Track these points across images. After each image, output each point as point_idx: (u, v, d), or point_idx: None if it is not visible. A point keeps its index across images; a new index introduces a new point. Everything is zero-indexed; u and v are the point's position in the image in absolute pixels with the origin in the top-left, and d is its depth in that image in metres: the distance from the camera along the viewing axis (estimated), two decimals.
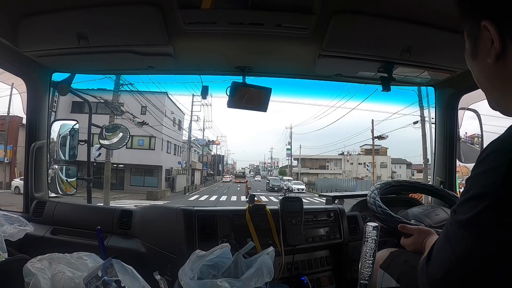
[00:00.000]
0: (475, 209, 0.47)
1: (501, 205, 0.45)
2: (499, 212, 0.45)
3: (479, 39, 0.53)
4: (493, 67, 0.52)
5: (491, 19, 0.49)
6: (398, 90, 1.81)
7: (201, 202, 17.45)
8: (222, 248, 1.01)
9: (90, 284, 0.82)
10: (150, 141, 20.73)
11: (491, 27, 0.49)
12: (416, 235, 0.95)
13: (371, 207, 1.18)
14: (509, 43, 0.49)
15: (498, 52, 0.50)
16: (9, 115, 16.53)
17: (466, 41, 0.58)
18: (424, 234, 0.92)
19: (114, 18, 1.12)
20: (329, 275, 1.48)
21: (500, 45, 0.49)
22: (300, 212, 1.36)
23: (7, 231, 1.14)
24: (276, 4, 1.05)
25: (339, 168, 42.47)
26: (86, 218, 1.47)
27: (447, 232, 0.53)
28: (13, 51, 1.26)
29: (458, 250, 0.49)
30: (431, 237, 0.89)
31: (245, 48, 1.35)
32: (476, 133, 1.67)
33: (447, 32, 1.15)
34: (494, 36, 0.49)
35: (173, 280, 1.10)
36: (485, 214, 0.46)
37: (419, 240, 0.92)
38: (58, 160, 1.73)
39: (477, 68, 0.57)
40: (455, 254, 0.50)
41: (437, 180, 1.71)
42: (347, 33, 1.16)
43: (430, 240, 0.87)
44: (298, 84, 7.88)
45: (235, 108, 1.48)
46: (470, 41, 0.56)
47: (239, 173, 49.32)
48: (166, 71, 1.67)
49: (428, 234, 0.92)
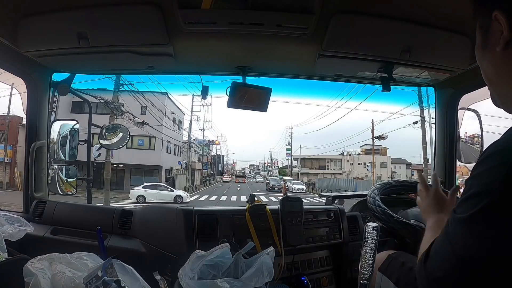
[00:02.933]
0: (477, 206, 0.47)
1: (503, 202, 0.45)
2: (501, 209, 0.45)
3: (490, 30, 0.55)
4: (502, 56, 0.54)
5: (502, 9, 0.52)
6: (398, 90, 1.81)
7: (201, 202, 17.46)
8: (222, 248, 1.01)
9: (90, 284, 0.82)
10: (150, 141, 20.74)
11: (501, 16, 0.52)
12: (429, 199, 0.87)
13: (371, 207, 1.19)
14: None
15: (506, 39, 0.52)
16: (9, 115, 16.53)
17: (478, 34, 0.60)
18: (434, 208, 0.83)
19: (114, 18, 1.12)
20: (329, 275, 1.48)
21: (509, 33, 0.51)
22: (300, 212, 1.36)
23: (7, 231, 1.13)
24: (276, 4, 1.05)
25: (339, 168, 42.47)
26: (86, 218, 1.47)
27: (447, 231, 0.53)
28: (13, 51, 1.26)
29: (459, 248, 0.49)
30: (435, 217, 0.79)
31: (245, 48, 1.36)
32: (476, 133, 1.67)
33: (447, 32, 1.15)
34: (503, 24, 0.52)
35: (173, 280, 1.10)
36: (487, 211, 0.46)
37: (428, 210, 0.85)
38: (58, 160, 1.73)
39: (486, 59, 0.59)
40: (456, 253, 0.49)
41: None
42: (347, 33, 1.16)
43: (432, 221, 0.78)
44: (298, 84, 7.87)
45: (235, 108, 1.48)
46: (482, 32, 0.58)
47: (239, 173, 49.23)
48: (166, 71, 1.66)
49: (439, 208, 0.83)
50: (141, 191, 16.03)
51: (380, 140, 23.23)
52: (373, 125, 23.36)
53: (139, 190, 16.13)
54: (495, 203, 0.45)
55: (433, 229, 0.74)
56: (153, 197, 15.41)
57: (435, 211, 0.83)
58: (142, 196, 15.66)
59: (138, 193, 15.81)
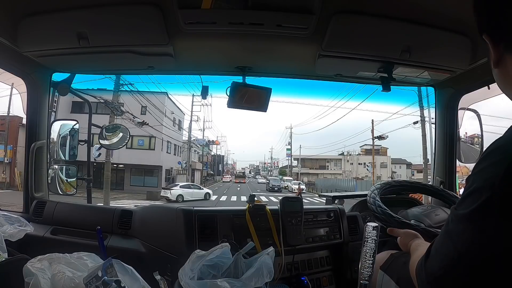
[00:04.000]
0: (478, 201, 0.47)
1: (504, 197, 0.45)
2: (502, 204, 0.45)
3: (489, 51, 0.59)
4: (496, 73, 0.59)
5: (487, 31, 0.56)
6: (398, 90, 1.81)
7: (201, 202, 17.47)
8: (222, 248, 1.01)
9: (90, 284, 0.82)
10: (150, 141, 20.72)
11: (487, 39, 0.56)
12: (402, 237, 0.99)
13: (371, 207, 1.19)
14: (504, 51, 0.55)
15: (494, 60, 0.56)
16: (9, 115, 16.52)
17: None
18: (409, 237, 0.95)
19: (114, 18, 1.12)
20: (329, 275, 1.48)
21: (495, 54, 0.56)
22: (300, 212, 1.36)
23: (7, 231, 1.14)
24: (276, 4, 1.05)
25: (339, 168, 42.43)
26: (86, 218, 1.47)
27: (448, 229, 0.53)
28: (13, 51, 1.26)
29: (460, 244, 0.49)
30: (416, 240, 0.92)
31: (245, 48, 1.36)
32: (476, 133, 1.67)
33: (447, 32, 1.15)
34: (489, 46, 0.56)
35: (173, 280, 1.10)
36: (488, 206, 0.46)
37: (405, 242, 0.96)
38: (58, 160, 1.73)
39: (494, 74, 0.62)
40: (457, 249, 0.49)
41: (437, 180, 1.71)
42: (347, 33, 1.16)
43: (416, 243, 0.89)
44: (298, 84, 7.86)
45: (235, 108, 1.48)
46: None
47: (239, 173, 49.12)
48: (166, 71, 1.67)
49: (413, 237, 0.95)
50: (179, 190, 16.92)
51: (380, 140, 23.20)
52: (373, 125, 23.36)
53: (177, 190, 16.94)
54: (496, 197, 0.46)
55: (421, 246, 0.84)
56: (189, 196, 16.63)
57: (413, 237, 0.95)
58: (181, 195, 16.44)
59: (177, 192, 16.66)
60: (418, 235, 0.96)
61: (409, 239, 0.94)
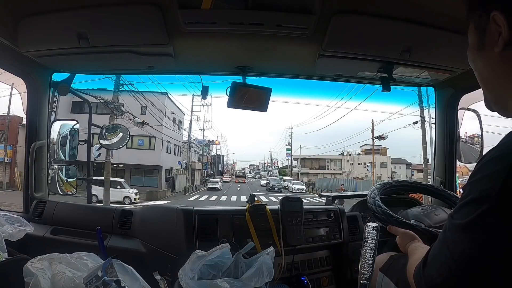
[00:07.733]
0: (475, 212, 0.47)
1: (501, 208, 0.45)
2: (499, 215, 0.45)
3: (487, 31, 0.54)
4: (499, 57, 0.53)
5: (501, 9, 0.51)
6: (398, 90, 1.81)
7: (201, 202, 17.47)
8: (222, 248, 1.01)
9: (90, 284, 0.82)
10: (150, 141, 20.72)
11: (500, 17, 0.51)
12: (400, 237, 0.98)
13: (371, 207, 1.19)
14: None
15: (506, 40, 0.51)
16: (9, 115, 16.52)
17: (472, 35, 0.58)
18: (407, 239, 0.95)
19: (114, 18, 1.12)
20: (329, 275, 1.48)
21: (509, 34, 0.50)
22: (300, 212, 1.36)
23: (7, 231, 1.14)
24: (276, 4, 1.05)
25: (339, 168, 42.40)
26: (86, 218, 1.47)
27: (445, 237, 0.53)
28: (13, 51, 1.26)
29: (457, 254, 0.49)
30: (414, 243, 0.91)
31: (245, 48, 1.35)
32: (476, 133, 1.67)
33: (447, 32, 1.15)
34: (502, 25, 0.51)
35: (173, 280, 1.10)
36: (485, 217, 0.46)
37: (403, 243, 0.95)
38: (58, 160, 1.73)
39: (482, 60, 0.58)
40: (454, 259, 0.49)
41: (437, 180, 1.71)
42: (347, 33, 1.16)
43: (413, 246, 0.88)
44: (298, 84, 7.87)
45: (235, 108, 1.48)
46: (478, 34, 0.57)
47: (239, 173, 49.10)
48: (166, 71, 1.66)
49: (411, 238, 0.94)
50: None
51: (380, 140, 23.19)
52: (373, 125, 23.36)
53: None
54: (493, 209, 0.45)
55: (418, 249, 0.84)
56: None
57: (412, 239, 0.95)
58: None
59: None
60: (416, 237, 0.95)
61: (407, 240, 0.94)
